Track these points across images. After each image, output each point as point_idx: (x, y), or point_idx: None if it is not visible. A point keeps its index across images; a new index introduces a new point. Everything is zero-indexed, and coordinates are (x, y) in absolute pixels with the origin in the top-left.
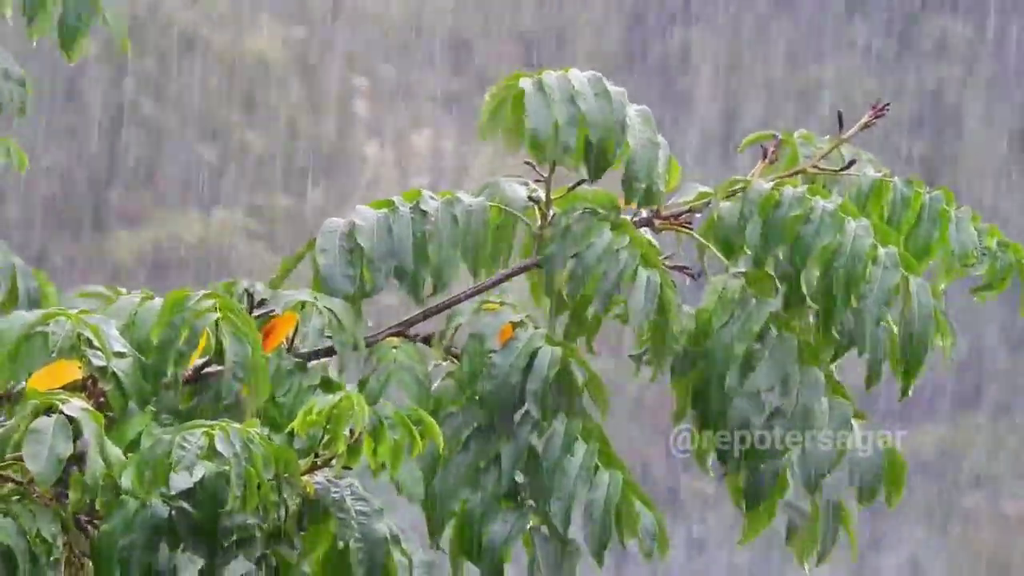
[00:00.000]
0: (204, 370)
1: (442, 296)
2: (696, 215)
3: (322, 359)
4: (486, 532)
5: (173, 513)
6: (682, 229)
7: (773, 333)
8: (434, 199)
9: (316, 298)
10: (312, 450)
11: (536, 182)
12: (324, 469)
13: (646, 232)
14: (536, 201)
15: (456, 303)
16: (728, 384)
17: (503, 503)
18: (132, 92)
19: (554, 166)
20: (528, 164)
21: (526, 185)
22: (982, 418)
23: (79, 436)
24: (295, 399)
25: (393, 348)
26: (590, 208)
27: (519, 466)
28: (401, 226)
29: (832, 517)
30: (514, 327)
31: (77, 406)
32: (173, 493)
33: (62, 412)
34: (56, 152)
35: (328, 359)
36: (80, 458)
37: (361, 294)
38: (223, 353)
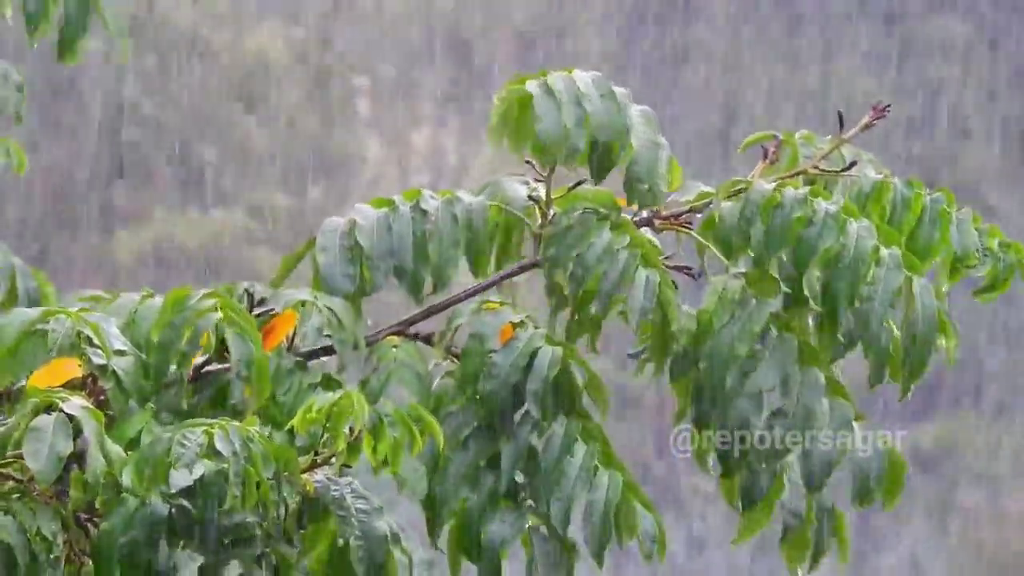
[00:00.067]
0: (204, 369)
1: (442, 295)
2: (697, 215)
3: (322, 358)
4: (485, 532)
5: (173, 511)
6: (682, 229)
7: (773, 334)
8: (434, 198)
9: (316, 297)
10: (312, 448)
11: (536, 181)
12: (324, 467)
13: (646, 232)
14: (536, 200)
15: (456, 302)
16: (729, 385)
17: (502, 503)
18: (132, 91)
19: (555, 165)
20: (528, 163)
21: (526, 184)
22: (982, 417)
23: (79, 434)
24: (295, 397)
25: (393, 347)
26: (590, 208)
27: (519, 466)
28: (401, 225)
29: (826, 522)
30: (514, 327)
31: (77, 404)
32: (173, 491)
33: (62, 410)
34: (56, 151)
35: (328, 358)
36: (80, 456)
37: (361, 293)
38: (222, 352)
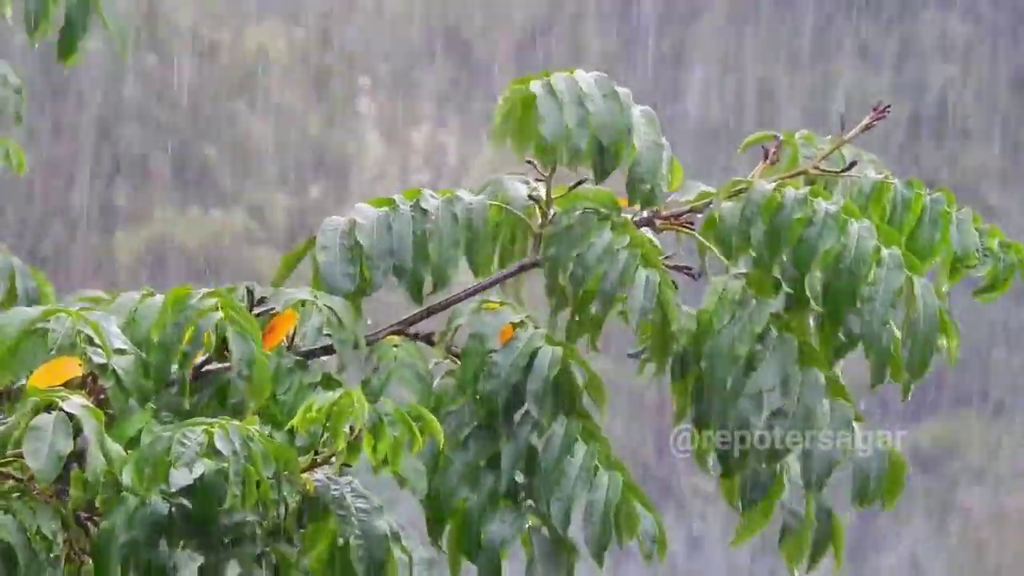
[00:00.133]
0: (204, 368)
1: (442, 295)
2: (697, 215)
3: (322, 357)
4: (485, 532)
5: (173, 510)
6: (683, 229)
7: (774, 334)
8: (434, 197)
9: (316, 296)
10: (312, 447)
11: (537, 181)
12: (324, 466)
13: (647, 232)
14: (537, 200)
15: (456, 302)
16: (729, 385)
17: (502, 503)
18: (132, 90)
19: (556, 165)
20: (529, 163)
21: (527, 184)
22: (982, 417)
23: (79, 433)
24: (295, 397)
25: (394, 346)
26: (591, 207)
27: (519, 466)
28: (401, 224)
29: (825, 523)
30: (514, 327)
31: (77, 403)
32: (173, 490)
33: (62, 409)
34: (56, 151)
35: (328, 357)
36: (80, 455)
37: (360, 292)
38: (222, 351)
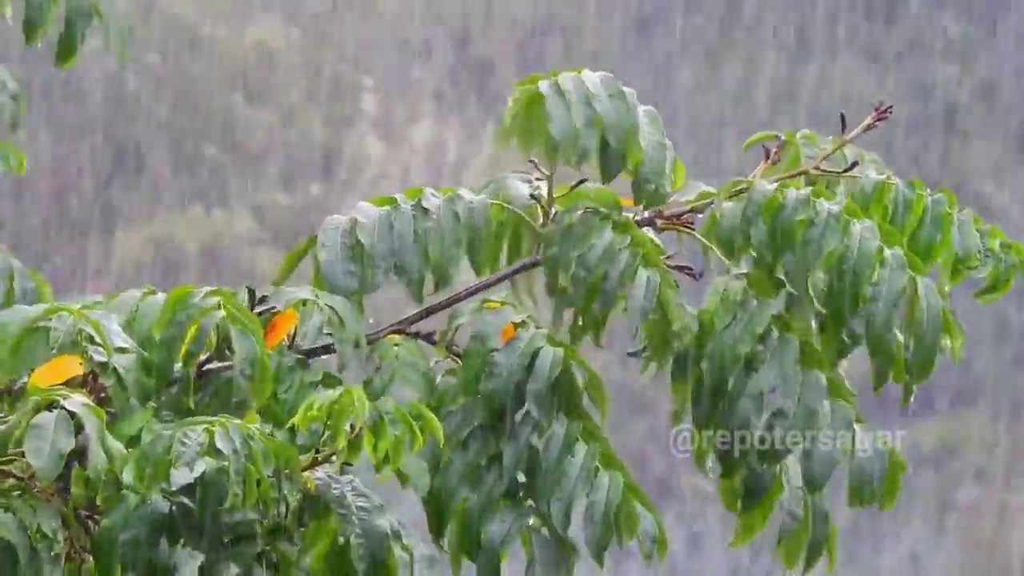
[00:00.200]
0: (205, 367)
1: (443, 294)
2: (699, 215)
3: (323, 356)
4: (485, 531)
5: (174, 509)
6: (684, 229)
7: (775, 334)
8: (436, 196)
9: (317, 295)
10: (313, 446)
11: (538, 180)
12: (325, 465)
13: (648, 232)
14: (538, 199)
15: (457, 301)
16: (730, 385)
17: (502, 503)
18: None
19: (560, 164)
20: (532, 162)
21: (529, 183)
22: (982, 416)
23: (80, 431)
24: (296, 395)
25: (395, 346)
26: (592, 207)
27: (519, 466)
28: (403, 223)
29: (821, 525)
30: (516, 327)
31: (78, 401)
32: (174, 489)
33: (63, 407)
34: (56, 150)
35: (329, 356)
36: (81, 453)
37: (362, 291)
38: (223, 350)
